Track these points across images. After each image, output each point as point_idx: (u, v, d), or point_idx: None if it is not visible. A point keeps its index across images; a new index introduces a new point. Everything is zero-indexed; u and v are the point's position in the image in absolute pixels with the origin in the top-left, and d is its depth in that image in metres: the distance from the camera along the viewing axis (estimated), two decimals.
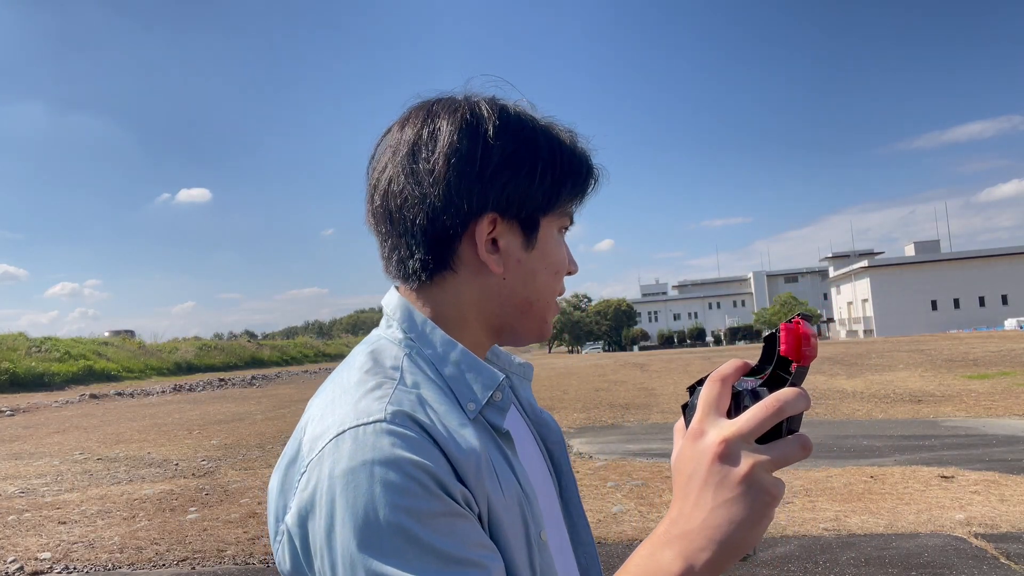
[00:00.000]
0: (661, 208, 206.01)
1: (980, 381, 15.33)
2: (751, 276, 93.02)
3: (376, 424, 0.64)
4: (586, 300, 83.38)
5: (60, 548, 5.75)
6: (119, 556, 5.52)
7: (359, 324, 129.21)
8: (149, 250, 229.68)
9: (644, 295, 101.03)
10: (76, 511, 7.02)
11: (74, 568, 5.32)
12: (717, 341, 78.07)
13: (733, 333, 76.65)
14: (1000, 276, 58.83)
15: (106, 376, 32.28)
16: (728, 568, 0.62)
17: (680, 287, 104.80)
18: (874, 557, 4.74)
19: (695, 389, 0.67)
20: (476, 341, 0.81)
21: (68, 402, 21.92)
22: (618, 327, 78.26)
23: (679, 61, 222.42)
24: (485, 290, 0.78)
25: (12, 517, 6.84)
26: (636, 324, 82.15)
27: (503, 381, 0.75)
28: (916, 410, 12.01)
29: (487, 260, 0.76)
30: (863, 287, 63.37)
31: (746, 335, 74.57)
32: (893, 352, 24.15)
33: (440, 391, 0.72)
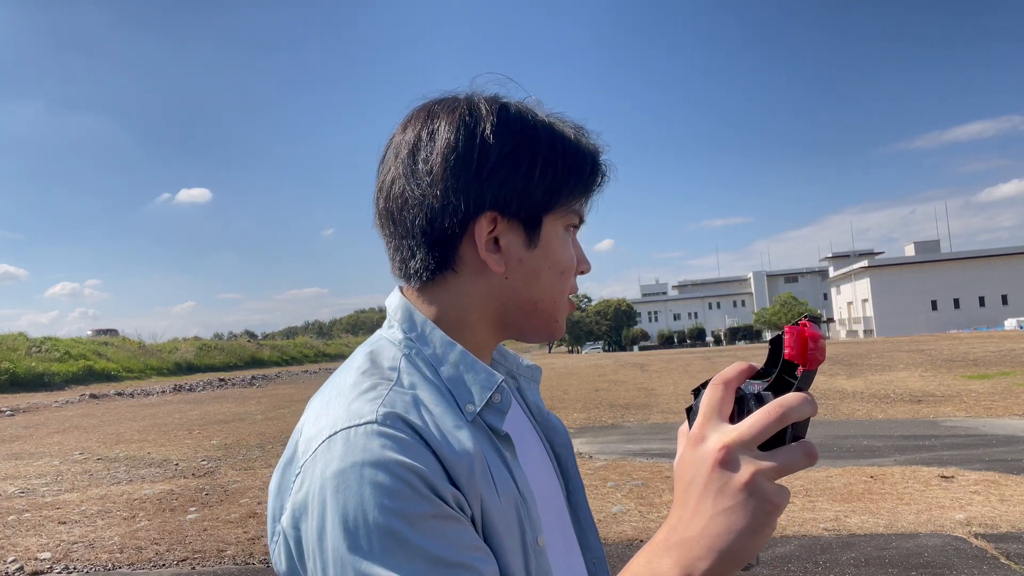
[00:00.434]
0: (661, 208, 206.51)
1: (980, 381, 15.33)
2: (751, 276, 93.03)
3: (367, 426, 0.64)
4: (586, 300, 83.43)
5: (60, 548, 5.75)
6: (119, 556, 5.52)
7: (359, 324, 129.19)
8: (149, 250, 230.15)
9: (644, 295, 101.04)
10: (76, 511, 7.01)
11: (74, 568, 5.31)
12: (717, 341, 78.05)
13: (733, 333, 76.65)
14: (1000, 276, 58.82)
15: (106, 376, 32.27)
16: None
17: (680, 287, 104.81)
18: (874, 557, 4.74)
19: (699, 392, 0.66)
20: (480, 341, 0.80)
21: (68, 402, 21.91)
22: (618, 327, 78.24)
23: (679, 61, 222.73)
24: (488, 290, 0.78)
25: (12, 517, 6.84)
26: (636, 324, 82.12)
27: (502, 383, 0.74)
28: (916, 410, 12.01)
29: (487, 259, 0.75)
30: (863, 287, 63.36)
31: (746, 335, 74.58)
32: (893, 352, 24.14)
33: (438, 392, 0.72)
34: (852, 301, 67.39)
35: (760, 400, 0.61)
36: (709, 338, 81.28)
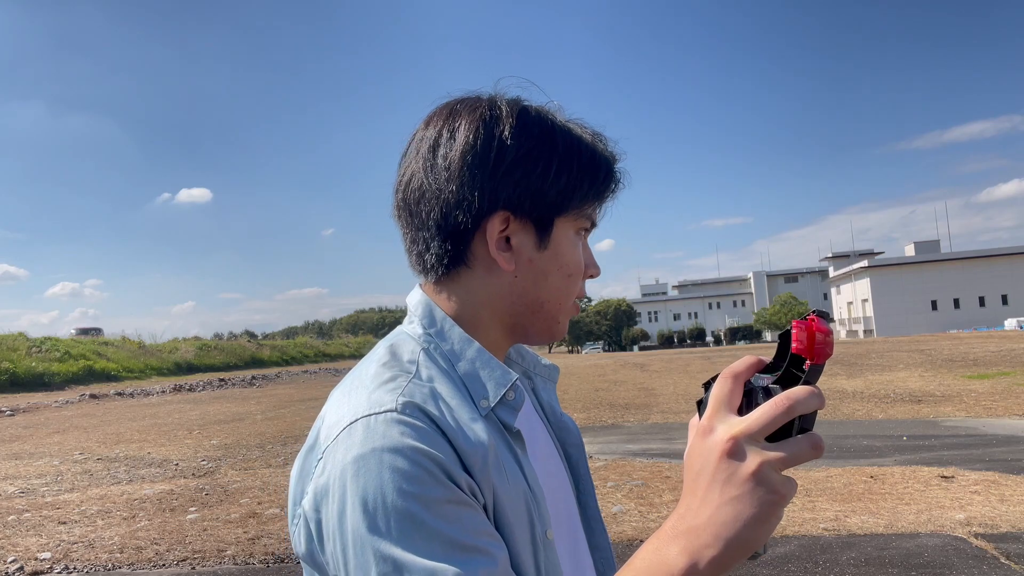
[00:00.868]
0: (661, 208, 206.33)
1: (980, 381, 15.33)
2: (751, 276, 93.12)
3: (387, 414, 0.67)
4: (586, 300, 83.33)
5: (60, 548, 5.75)
6: (119, 556, 5.52)
7: (359, 324, 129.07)
8: (149, 250, 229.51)
9: (644, 295, 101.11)
10: (76, 511, 7.01)
11: (74, 568, 5.31)
12: (717, 341, 78.09)
13: (733, 333, 76.68)
14: (1000, 276, 58.87)
15: (106, 376, 32.24)
16: (736, 566, 0.62)
17: (680, 287, 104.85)
18: (874, 557, 4.74)
19: (710, 385, 0.67)
20: (493, 340, 0.82)
21: (68, 402, 21.90)
22: (618, 327, 78.25)
23: (679, 62, 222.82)
24: (499, 288, 0.79)
25: (12, 517, 6.84)
26: (636, 324, 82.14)
27: (516, 381, 0.76)
28: (916, 410, 12.02)
29: (498, 257, 0.77)
30: (863, 287, 63.41)
31: (746, 335, 74.62)
32: (893, 352, 24.15)
33: (454, 386, 0.74)
34: (852, 301, 67.44)
35: (768, 393, 0.63)
36: (709, 338, 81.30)
